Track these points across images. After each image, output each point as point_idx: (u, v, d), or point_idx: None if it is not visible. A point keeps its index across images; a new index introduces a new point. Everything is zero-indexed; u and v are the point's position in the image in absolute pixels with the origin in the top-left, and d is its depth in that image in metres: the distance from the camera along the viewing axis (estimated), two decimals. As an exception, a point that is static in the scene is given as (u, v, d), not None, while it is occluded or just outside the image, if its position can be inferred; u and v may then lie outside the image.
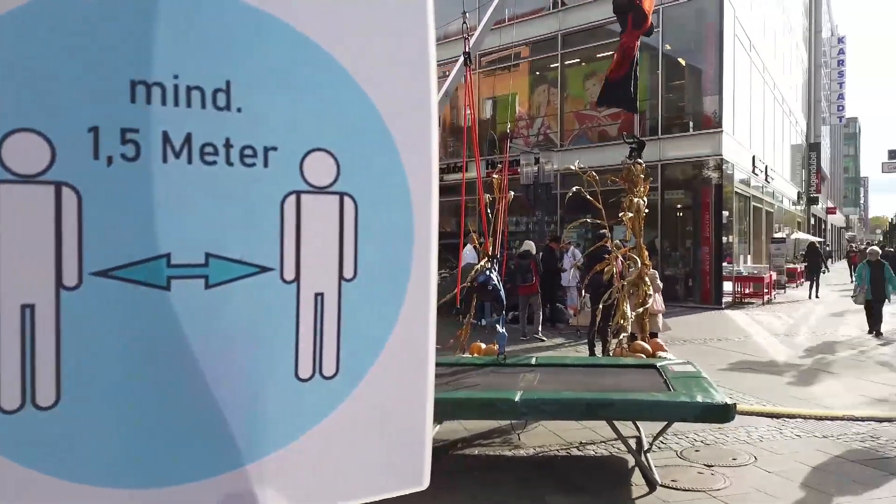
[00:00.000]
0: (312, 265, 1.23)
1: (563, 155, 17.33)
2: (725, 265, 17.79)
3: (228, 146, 1.16)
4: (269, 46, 1.19)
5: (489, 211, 7.19)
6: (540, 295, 11.58)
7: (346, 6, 1.27)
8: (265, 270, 1.20)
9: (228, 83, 1.16)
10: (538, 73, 21.41)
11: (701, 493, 4.54)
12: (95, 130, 1.06)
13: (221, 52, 1.16)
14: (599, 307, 7.47)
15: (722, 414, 4.36)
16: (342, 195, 1.26)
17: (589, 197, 7.33)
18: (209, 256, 1.14)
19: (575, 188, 7.65)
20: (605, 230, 7.69)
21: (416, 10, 1.33)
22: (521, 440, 5.75)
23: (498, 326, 6.16)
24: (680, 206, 18.55)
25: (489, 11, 7.29)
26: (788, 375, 8.60)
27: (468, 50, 6.57)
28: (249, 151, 1.17)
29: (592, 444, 5.65)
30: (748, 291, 18.42)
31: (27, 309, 1.02)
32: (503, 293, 6.45)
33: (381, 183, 1.30)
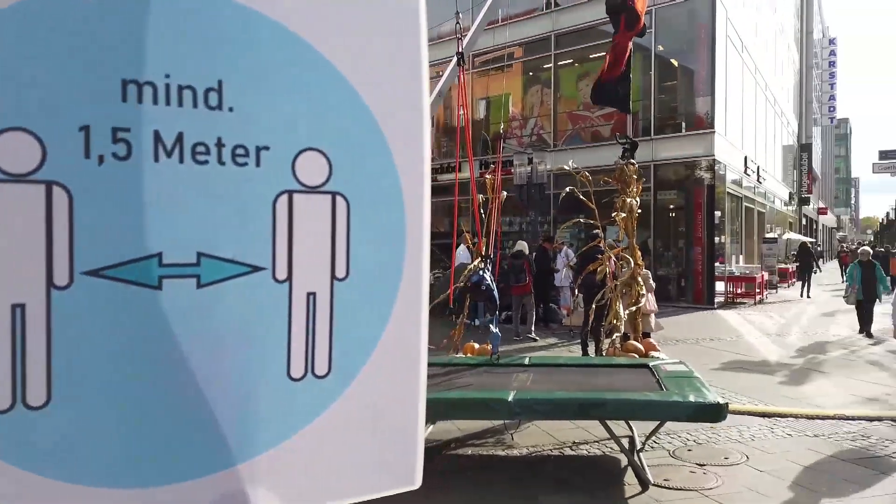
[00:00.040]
0: (304, 265, 1.23)
1: (556, 155, 17.37)
2: (718, 265, 17.87)
3: (220, 145, 1.16)
4: (261, 46, 1.19)
5: (482, 211, 7.20)
6: (533, 295, 11.61)
7: (338, 6, 1.27)
8: (257, 270, 1.19)
9: (220, 83, 1.16)
10: (531, 73, 21.45)
11: (693, 492, 4.56)
12: (86, 129, 1.05)
13: (213, 51, 1.15)
14: (592, 307, 7.49)
15: (714, 413, 4.37)
16: (334, 195, 1.26)
17: (582, 197, 7.35)
18: (201, 256, 1.14)
19: (568, 188, 7.67)
20: (598, 230, 7.71)
21: (408, 9, 1.33)
22: (514, 440, 5.76)
23: (491, 326, 6.16)
24: (672, 206, 18.61)
25: (482, 12, 7.29)
26: (780, 375, 8.64)
27: (461, 50, 6.58)
28: (241, 151, 1.17)
29: (585, 443, 5.66)
30: (740, 291, 18.50)
31: (18, 308, 1.02)
32: (496, 293, 6.46)
33: (373, 183, 1.30)
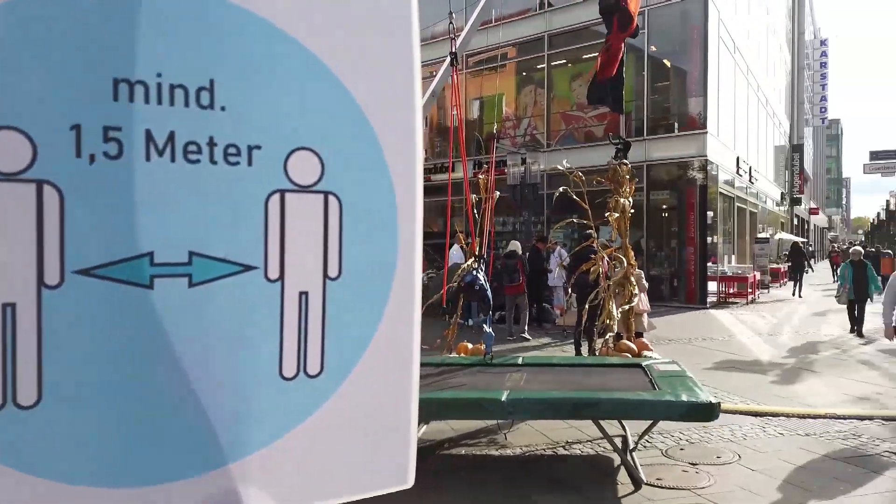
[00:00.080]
0: (297, 264, 1.23)
1: (549, 155, 17.41)
2: (710, 265, 17.94)
3: (212, 145, 1.15)
4: (253, 45, 1.19)
5: (476, 211, 7.21)
6: (526, 295, 11.62)
7: (330, 6, 1.27)
8: (249, 269, 1.19)
9: (212, 82, 1.15)
10: (525, 73, 21.48)
11: (686, 491, 4.57)
12: (77, 128, 1.05)
13: (205, 50, 1.15)
14: (585, 307, 7.51)
15: (706, 413, 4.39)
16: (327, 194, 1.26)
17: (575, 197, 7.36)
18: (193, 255, 1.14)
19: (561, 188, 7.68)
20: (591, 230, 7.73)
21: (400, 8, 1.33)
22: (507, 440, 5.76)
23: (485, 326, 6.16)
24: (665, 206, 18.68)
25: (476, 12, 7.30)
26: (772, 374, 8.68)
27: (455, 50, 6.58)
28: (233, 150, 1.17)
29: (579, 443, 5.68)
30: (732, 291, 18.58)
31: (8, 308, 1.01)
32: (490, 293, 6.46)
33: (365, 182, 1.30)
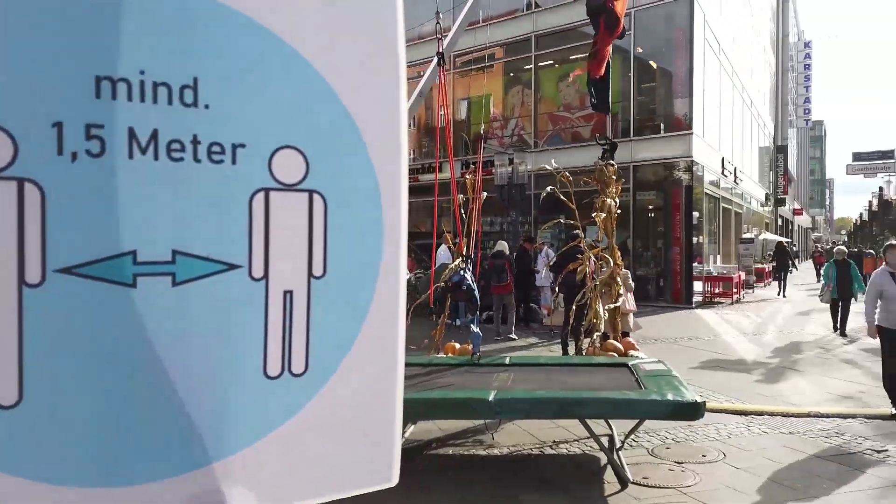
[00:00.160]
0: (281, 263, 1.23)
1: (536, 156, 17.44)
2: (696, 265, 18.06)
3: (196, 143, 1.15)
4: (237, 43, 1.18)
5: (463, 211, 7.22)
6: (513, 295, 11.65)
7: (316, 5, 1.26)
8: (233, 268, 1.19)
9: (196, 80, 1.15)
10: (512, 74, 21.53)
11: (671, 489, 4.60)
12: (59, 126, 1.04)
13: (189, 48, 1.15)
14: (572, 307, 7.53)
15: (692, 411, 4.42)
16: (311, 193, 1.26)
17: (562, 197, 7.39)
18: (176, 254, 1.13)
19: (549, 188, 7.71)
20: (578, 230, 7.76)
21: (386, 8, 1.33)
22: (494, 439, 5.77)
23: (472, 326, 6.17)
24: (651, 206, 18.79)
25: (463, 12, 7.32)
26: (756, 373, 8.76)
27: (442, 50, 6.59)
28: (217, 148, 1.17)
29: (566, 442, 5.70)
30: (718, 291, 18.73)
31: (-12, 307, 1.00)
32: (477, 293, 6.47)
33: (350, 181, 1.30)
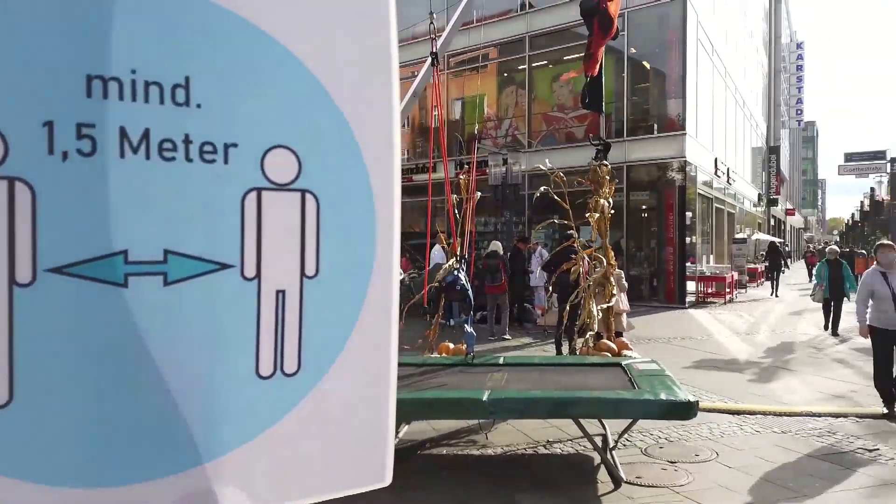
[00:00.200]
0: (273, 262, 1.22)
1: (530, 156, 17.46)
2: (689, 265, 18.12)
3: (188, 142, 1.14)
4: (229, 43, 1.18)
5: (457, 211, 7.22)
6: (507, 295, 11.67)
7: (308, 4, 1.26)
8: (225, 267, 1.19)
9: (188, 79, 1.15)
10: (506, 74, 21.55)
11: (665, 489, 4.62)
12: (50, 125, 1.04)
13: (181, 47, 1.14)
14: (566, 307, 7.55)
15: (685, 411, 4.44)
16: (304, 192, 1.26)
17: (556, 198, 7.41)
18: (168, 253, 1.13)
19: (543, 188, 7.72)
20: (572, 231, 7.77)
21: (378, 7, 1.33)
22: (488, 439, 5.78)
23: (466, 326, 6.18)
24: (645, 207, 18.84)
25: (457, 12, 7.32)
26: (749, 373, 8.80)
27: (436, 50, 6.59)
28: (209, 148, 1.16)
29: (559, 442, 5.71)
30: (711, 291, 18.79)
31: (-22, 306, 1.00)
32: (471, 293, 6.48)
33: (343, 181, 1.30)
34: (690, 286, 18.01)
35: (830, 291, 12.10)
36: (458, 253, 6.76)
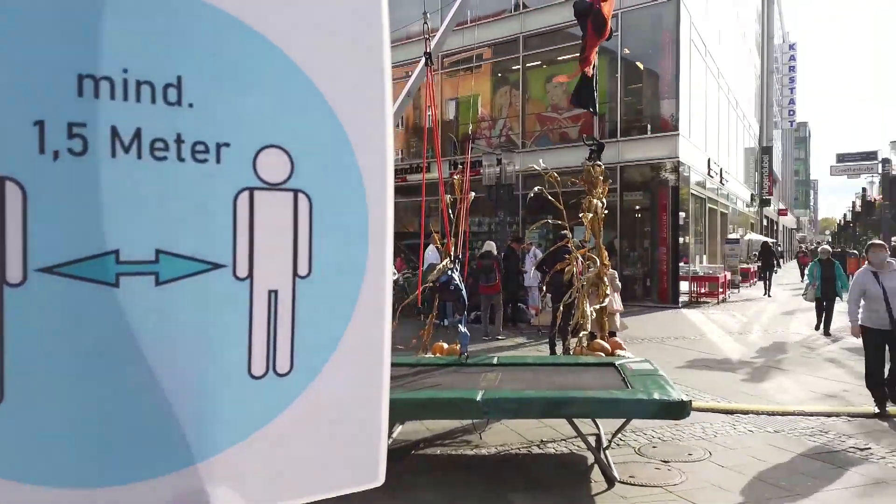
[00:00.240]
0: (266, 262, 1.22)
1: (524, 156, 17.49)
2: (682, 265, 18.19)
3: (180, 142, 1.14)
4: (222, 43, 1.18)
5: (451, 211, 7.23)
6: (501, 295, 11.68)
7: (300, 4, 1.26)
8: (217, 267, 1.18)
9: (180, 78, 1.14)
10: (500, 74, 21.57)
11: (658, 488, 4.63)
12: (41, 124, 1.03)
13: (173, 47, 1.14)
14: (560, 307, 7.56)
15: (678, 410, 4.45)
16: (296, 192, 1.25)
17: (550, 198, 7.42)
18: (160, 253, 1.12)
19: (536, 188, 7.74)
20: (565, 231, 7.79)
21: (371, 8, 1.33)
22: (482, 439, 5.78)
23: (460, 326, 6.18)
24: (638, 207, 18.90)
25: (451, 13, 7.32)
26: (742, 372, 8.83)
27: (430, 51, 6.59)
28: (201, 147, 1.16)
29: (553, 441, 5.71)
30: (704, 291, 18.87)
31: (-32, 306, 0.99)
32: (465, 293, 6.48)
33: (335, 181, 1.29)
34: (684, 286, 18.08)
35: (823, 291, 12.16)
36: (451, 253, 6.77)
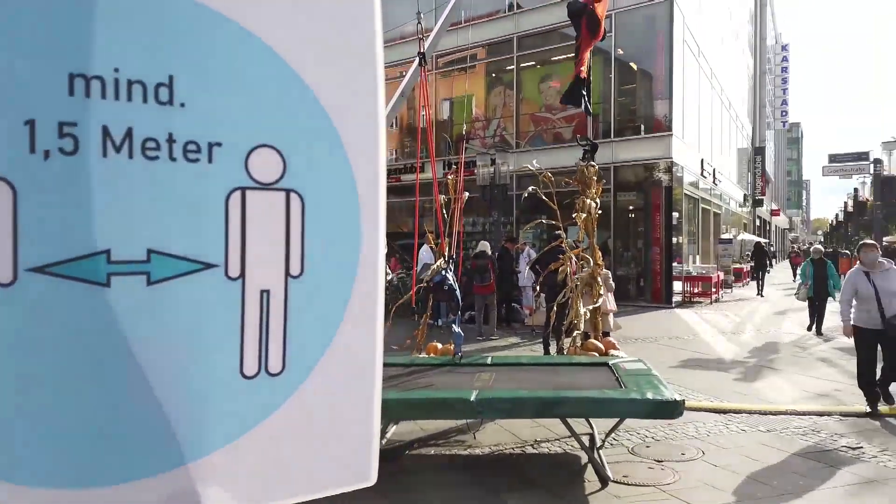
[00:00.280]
0: (258, 262, 1.22)
1: (518, 156, 17.50)
2: (675, 265, 18.24)
3: (171, 141, 1.14)
4: (214, 42, 1.18)
5: (445, 211, 7.23)
6: (496, 295, 11.69)
7: (293, 4, 1.26)
8: (209, 267, 1.18)
9: (171, 78, 1.14)
10: (494, 74, 21.59)
11: (651, 487, 4.64)
12: (32, 124, 1.03)
13: (165, 46, 1.14)
14: (554, 307, 7.57)
15: (671, 410, 4.46)
16: (288, 192, 1.25)
17: (544, 198, 7.43)
18: (151, 253, 1.12)
19: (531, 188, 7.75)
20: (559, 231, 7.80)
21: (363, 6, 1.33)
22: (476, 439, 5.78)
23: (454, 326, 6.18)
24: (632, 207, 18.94)
25: (445, 13, 7.33)
26: (734, 372, 8.86)
27: (423, 51, 6.59)
28: (193, 147, 1.16)
29: (547, 441, 5.72)
30: (697, 291, 18.91)
31: (-42, 306, 0.99)
32: (459, 293, 6.48)
33: (327, 180, 1.29)
34: (677, 286, 18.13)
35: (815, 291, 12.21)
36: (446, 253, 6.77)
